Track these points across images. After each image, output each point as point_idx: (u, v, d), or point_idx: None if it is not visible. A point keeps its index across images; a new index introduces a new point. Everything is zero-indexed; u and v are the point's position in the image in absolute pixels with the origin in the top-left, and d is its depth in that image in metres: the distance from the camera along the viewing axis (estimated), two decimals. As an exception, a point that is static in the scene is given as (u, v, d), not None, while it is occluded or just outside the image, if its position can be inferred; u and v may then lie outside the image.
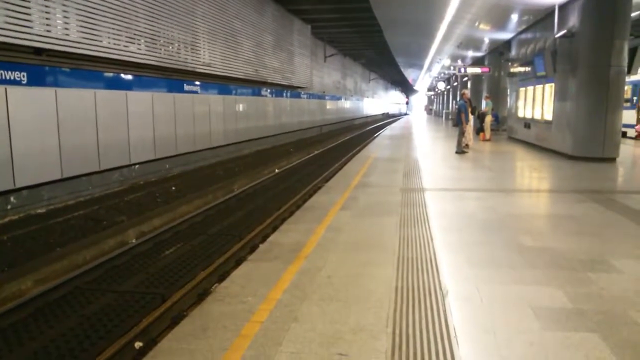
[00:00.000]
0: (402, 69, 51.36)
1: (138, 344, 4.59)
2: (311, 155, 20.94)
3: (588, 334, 3.46)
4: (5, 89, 8.94)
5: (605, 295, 4.12)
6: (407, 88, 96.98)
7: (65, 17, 10.16)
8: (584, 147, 13.02)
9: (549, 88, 15.06)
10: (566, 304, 3.95)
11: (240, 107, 20.51)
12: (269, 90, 24.23)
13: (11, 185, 9.12)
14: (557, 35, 13.59)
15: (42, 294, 5.67)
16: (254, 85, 22.22)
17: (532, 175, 11.57)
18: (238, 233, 8.15)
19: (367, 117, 59.70)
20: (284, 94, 27.05)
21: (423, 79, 58.42)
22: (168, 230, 8.39)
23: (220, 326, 3.62)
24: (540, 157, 14.20)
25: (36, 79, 9.65)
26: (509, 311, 3.82)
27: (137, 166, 13.19)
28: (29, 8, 9.22)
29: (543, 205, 8.37)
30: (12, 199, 9.23)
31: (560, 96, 14.13)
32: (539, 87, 16.13)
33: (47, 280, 6.41)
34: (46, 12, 9.63)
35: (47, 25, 9.68)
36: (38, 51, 9.71)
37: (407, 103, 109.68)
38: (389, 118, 70.65)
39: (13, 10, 8.90)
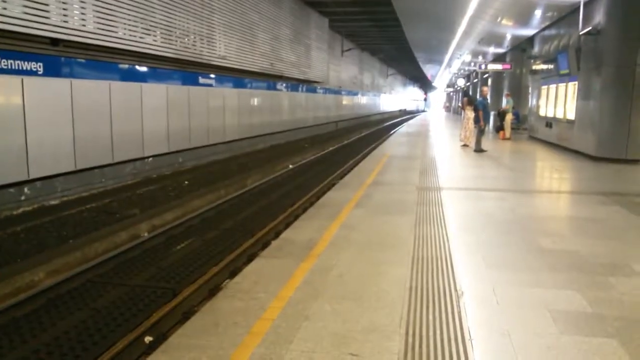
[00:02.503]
0: (421, 65, 51.00)
1: (148, 339, 4.57)
2: (326, 151, 20.86)
3: (607, 339, 3.36)
4: (22, 79, 8.99)
5: (626, 300, 4.01)
6: (425, 84, 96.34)
7: (82, 7, 10.21)
8: (607, 148, 12.76)
9: (572, 86, 14.79)
10: (585, 308, 3.85)
11: (255, 101, 20.50)
12: (284, 85, 24.19)
13: (25, 176, 9.18)
14: (581, 33, 13.31)
15: (54, 286, 5.67)
16: (270, 79, 22.19)
17: (552, 176, 11.37)
18: (250, 229, 8.10)
19: (383, 113, 59.40)
20: (300, 89, 26.99)
21: (442, 75, 57.97)
22: (180, 224, 8.38)
23: (231, 322, 3.58)
24: (561, 158, 13.96)
25: (52, 70, 9.69)
26: (525, 314, 3.73)
27: (150, 159, 13.23)
28: (46, -2, 9.27)
29: (564, 207, 8.20)
30: (26, 189, 9.29)
31: (583, 95, 13.87)
32: (562, 86, 15.85)
33: (60, 272, 6.43)
34: (63, 2, 9.67)
35: (64, 15, 9.72)
36: (54, 42, 9.77)
37: (425, 100, 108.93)
38: (406, 115, 70.24)
39: (31, 0, 8.94)
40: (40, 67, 9.37)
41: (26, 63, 9.07)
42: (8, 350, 4.37)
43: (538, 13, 16.52)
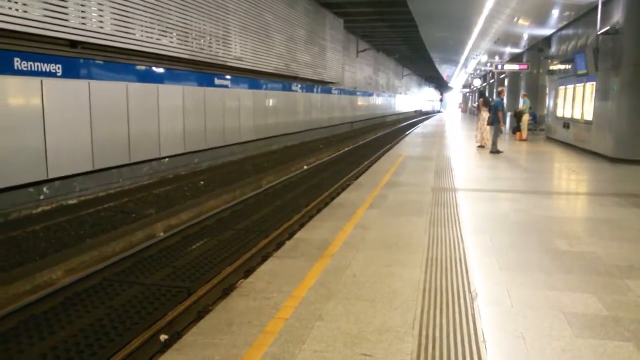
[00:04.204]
0: (437, 65, 50.73)
1: (163, 337, 4.61)
2: (341, 152, 20.85)
3: (623, 343, 3.32)
4: (42, 81, 9.13)
5: (644, 303, 3.95)
6: (441, 85, 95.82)
7: (100, 10, 10.34)
8: (626, 150, 12.58)
9: (590, 87, 14.61)
10: (601, 311, 3.81)
11: (271, 102, 20.56)
12: (299, 86, 24.23)
13: (45, 176, 9.31)
14: (599, 32, 13.14)
15: (72, 284, 5.75)
16: (285, 80, 22.25)
17: (570, 177, 11.24)
18: (265, 229, 8.14)
19: (399, 114, 59.18)
20: (315, 90, 27.00)
21: (458, 76, 57.62)
22: (196, 224, 8.43)
23: (245, 322, 3.61)
24: (579, 159, 13.80)
25: (71, 72, 9.82)
26: (540, 317, 3.70)
27: (167, 160, 13.34)
28: (66, 1, 9.39)
29: (581, 209, 8.11)
30: (45, 189, 9.43)
31: (601, 96, 13.69)
32: (580, 86, 15.68)
33: (77, 270, 6.52)
34: (82, 5, 9.81)
35: (83, 18, 9.85)
36: (73, 44, 9.89)
37: (441, 100, 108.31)
38: (422, 116, 69.93)
39: (51, 4, 9.09)
40: (59, 69, 9.51)
41: (45, 65, 9.21)
42: (28, 346, 4.45)
43: (555, 13, 16.36)
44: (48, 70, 9.27)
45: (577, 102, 16.10)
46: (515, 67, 26.05)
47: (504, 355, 3.20)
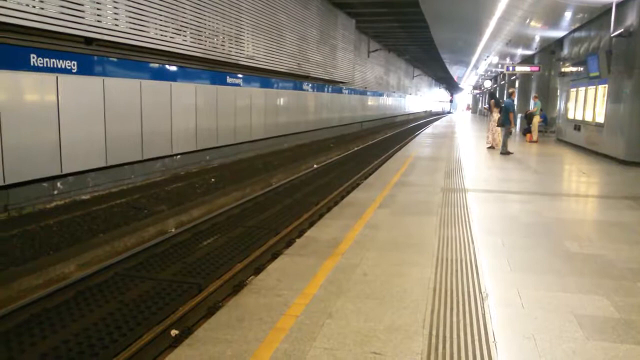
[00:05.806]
0: (448, 66, 50.57)
1: (174, 332, 4.65)
2: (351, 151, 20.84)
3: (635, 345, 3.32)
4: (57, 77, 9.22)
5: (656, 307, 3.92)
6: (451, 85, 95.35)
7: (115, 7, 10.42)
8: (638, 152, 12.48)
9: (602, 89, 14.50)
10: (613, 313, 3.80)
11: (282, 100, 20.61)
12: (310, 85, 24.26)
13: (58, 171, 9.42)
14: (613, 35, 13.04)
15: (84, 278, 5.81)
16: (296, 79, 22.29)
17: (580, 179, 11.16)
18: (275, 227, 8.17)
19: (409, 114, 59.04)
20: (326, 89, 27.01)
21: (469, 77, 57.35)
22: (206, 221, 8.48)
23: (255, 318, 3.64)
24: (590, 161, 13.71)
25: (85, 68, 9.91)
26: (551, 318, 3.69)
27: (178, 157, 13.42)
28: (82, -2, 9.49)
29: (591, 211, 8.05)
30: (58, 184, 9.53)
31: (613, 98, 13.59)
32: (592, 88, 15.56)
33: (89, 265, 6.59)
34: (97, 3, 9.89)
35: (98, 15, 9.94)
36: (88, 41, 9.97)
37: (451, 101, 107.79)
38: (431, 116, 69.71)
39: (67, 1, 9.17)
40: (74, 65, 9.60)
41: (61, 61, 9.31)
42: (40, 338, 4.50)
43: (568, 15, 16.24)
44: (63, 66, 9.36)
45: (588, 104, 15.99)
46: (527, 68, 25.89)
47: (514, 356, 3.20)
